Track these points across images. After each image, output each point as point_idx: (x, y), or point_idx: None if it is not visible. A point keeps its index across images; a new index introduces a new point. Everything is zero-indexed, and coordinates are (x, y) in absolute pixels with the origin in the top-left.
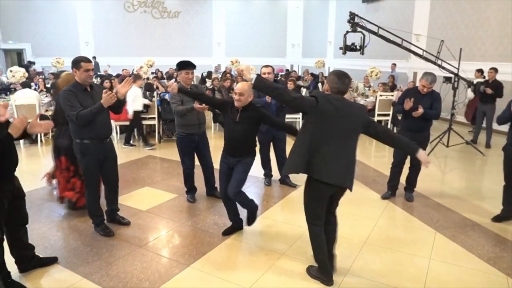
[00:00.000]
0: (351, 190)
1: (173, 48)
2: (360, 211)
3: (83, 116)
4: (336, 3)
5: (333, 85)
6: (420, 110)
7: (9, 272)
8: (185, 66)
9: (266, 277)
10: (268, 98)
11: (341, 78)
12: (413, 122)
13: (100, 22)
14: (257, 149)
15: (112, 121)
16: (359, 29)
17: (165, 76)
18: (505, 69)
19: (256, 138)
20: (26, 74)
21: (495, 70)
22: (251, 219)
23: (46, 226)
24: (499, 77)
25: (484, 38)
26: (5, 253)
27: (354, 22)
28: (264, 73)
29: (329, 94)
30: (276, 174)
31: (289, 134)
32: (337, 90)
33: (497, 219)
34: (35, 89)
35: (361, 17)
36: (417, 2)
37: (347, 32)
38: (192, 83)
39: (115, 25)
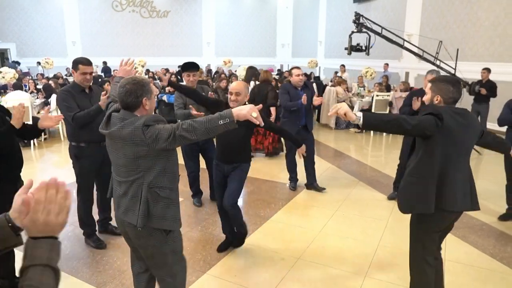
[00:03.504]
0: (479, 209)
1: (163, 48)
2: (368, 213)
3: (80, 118)
4: (326, 3)
5: (449, 95)
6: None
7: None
8: (186, 68)
9: (286, 282)
10: (304, 100)
11: (456, 86)
12: None
13: (87, 21)
14: (284, 152)
15: None
16: (364, 30)
17: (156, 77)
18: (496, 69)
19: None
20: (17, 75)
21: (488, 70)
22: (238, 241)
23: None
24: (490, 77)
25: (476, 38)
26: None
27: (359, 22)
28: (298, 75)
29: (450, 106)
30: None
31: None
32: (453, 100)
33: (503, 217)
34: (25, 91)
35: (366, 18)
36: (408, 2)
37: (352, 32)
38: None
39: (103, 25)
